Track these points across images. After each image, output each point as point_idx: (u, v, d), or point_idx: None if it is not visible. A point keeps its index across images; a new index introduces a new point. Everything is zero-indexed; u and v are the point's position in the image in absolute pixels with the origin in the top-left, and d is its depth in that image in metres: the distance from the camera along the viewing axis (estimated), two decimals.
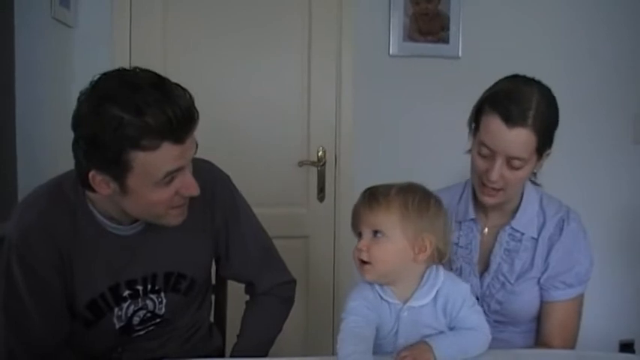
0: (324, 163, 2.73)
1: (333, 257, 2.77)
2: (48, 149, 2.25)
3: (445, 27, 2.77)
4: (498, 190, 1.41)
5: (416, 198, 1.23)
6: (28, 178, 1.99)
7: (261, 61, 2.68)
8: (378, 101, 2.76)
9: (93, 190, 1.25)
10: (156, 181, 1.22)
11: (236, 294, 1.68)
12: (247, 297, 1.63)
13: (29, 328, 1.31)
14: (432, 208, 1.24)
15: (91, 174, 1.22)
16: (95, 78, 1.23)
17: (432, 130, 2.72)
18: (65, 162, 1.30)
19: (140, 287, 1.39)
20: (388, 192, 1.23)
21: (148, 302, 1.41)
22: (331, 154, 2.74)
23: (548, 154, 1.44)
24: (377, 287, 1.25)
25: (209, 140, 1.46)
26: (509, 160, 1.37)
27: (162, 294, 1.42)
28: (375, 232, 1.21)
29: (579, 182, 2.80)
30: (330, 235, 2.77)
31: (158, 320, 1.44)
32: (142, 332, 1.43)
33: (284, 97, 2.71)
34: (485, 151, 1.40)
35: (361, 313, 1.23)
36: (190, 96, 1.24)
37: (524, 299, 1.49)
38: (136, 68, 1.24)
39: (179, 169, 1.24)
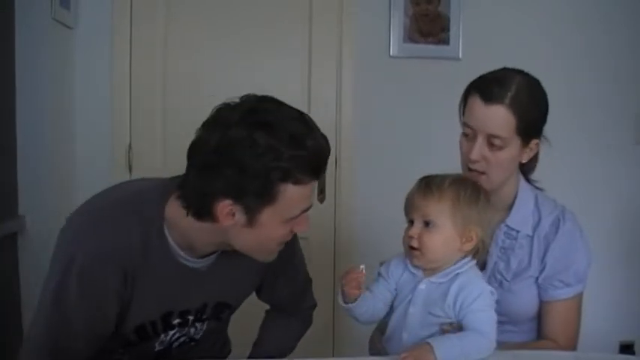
0: None
1: (334, 259, 2.76)
2: (48, 149, 2.25)
3: (445, 28, 2.77)
4: (481, 173, 1.41)
5: (467, 190, 1.30)
6: (28, 178, 2.00)
7: (262, 62, 2.68)
8: (379, 102, 2.76)
9: (211, 220, 1.15)
10: (289, 217, 1.17)
11: None
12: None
13: (66, 337, 1.22)
14: (481, 201, 1.31)
15: (222, 203, 1.12)
16: (231, 102, 1.16)
17: (433, 132, 2.71)
18: (65, 162, 1.29)
19: (191, 317, 1.34)
20: (442, 183, 1.29)
21: (192, 330, 1.37)
22: (332, 156, 2.74)
23: (537, 144, 1.44)
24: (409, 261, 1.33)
25: None
26: (489, 139, 1.38)
27: (206, 322, 1.38)
28: (427, 223, 1.27)
29: (580, 182, 2.80)
30: (330, 237, 2.77)
31: (192, 344, 1.42)
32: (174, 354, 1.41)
33: (285, 98, 2.64)
34: (468, 130, 1.42)
35: (376, 290, 1.34)
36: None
37: (522, 299, 1.48)
38: (266, 97, 1.21)
39: (309, 208, 1.20)
